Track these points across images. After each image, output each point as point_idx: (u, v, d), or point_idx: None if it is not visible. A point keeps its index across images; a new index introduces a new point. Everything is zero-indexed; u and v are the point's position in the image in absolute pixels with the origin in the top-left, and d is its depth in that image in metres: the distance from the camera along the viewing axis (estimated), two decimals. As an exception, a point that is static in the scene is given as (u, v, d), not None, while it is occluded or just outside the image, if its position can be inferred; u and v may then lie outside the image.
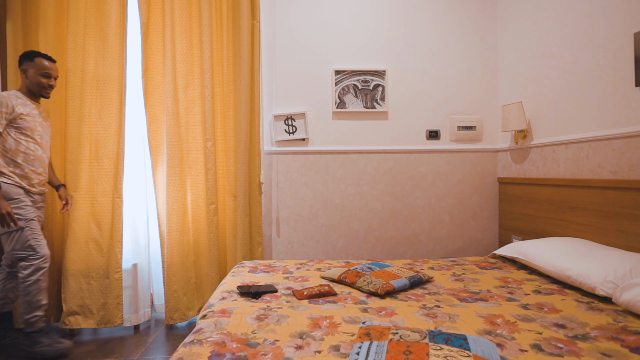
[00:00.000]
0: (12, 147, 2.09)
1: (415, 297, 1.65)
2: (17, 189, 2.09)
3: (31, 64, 2.17)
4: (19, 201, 2.09)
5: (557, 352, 1.14)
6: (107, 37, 2.47)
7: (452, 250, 3.04)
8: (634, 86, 1.87)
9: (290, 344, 1.21)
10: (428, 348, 1.06)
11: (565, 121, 2.34)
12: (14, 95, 2.12)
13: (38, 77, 2.17)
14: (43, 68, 2.18)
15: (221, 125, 2.75)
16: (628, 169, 1.92)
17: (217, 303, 1.59)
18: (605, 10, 2.05)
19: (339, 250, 2.98)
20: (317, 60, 2.95)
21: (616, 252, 1.74)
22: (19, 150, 2.10)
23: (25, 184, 2.14)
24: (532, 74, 2.63)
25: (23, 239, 2.07)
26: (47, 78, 2.20)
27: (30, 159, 2.14)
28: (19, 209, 2.07)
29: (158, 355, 2.18)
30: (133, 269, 2.59)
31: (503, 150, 3.00)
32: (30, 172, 2.15)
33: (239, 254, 2.68)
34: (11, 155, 2.09)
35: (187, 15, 2.62)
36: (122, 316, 2.47)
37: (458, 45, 3.01)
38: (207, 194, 2.63)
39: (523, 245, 2.14)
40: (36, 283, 2.09)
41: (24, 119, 2.10)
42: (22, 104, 2.13)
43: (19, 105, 2.10)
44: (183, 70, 2.61)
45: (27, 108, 2.14)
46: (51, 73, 2.21)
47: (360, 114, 2.97)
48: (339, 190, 2.97)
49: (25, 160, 2.13)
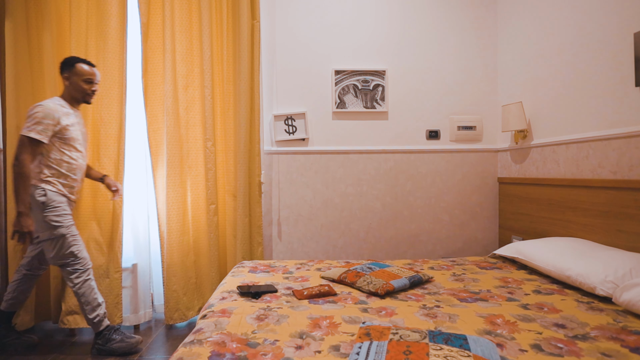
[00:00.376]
0: (56, 157, 2.10)
1: (415, 297, 1.65)
2: (61, 197, 2.12)
3: (73, 70, 2.16)
4: (62, 209, 2.11)
5: (557, 352, 1.14)
6: (107, 38, 2.47)
7: (452, 250, 3.04)
8: (634, 86, 1.87)
9: (290, 344, 1.21)
10: (428, 348, 1.06)
11: (565, 121, 2.34)
12: (59, 105, 2.11)
13: (81, 84, 2.17)
14: (85, 74, 2.17)
15: (221, 125, 2.75)
16: (628, 169, 1.92)
17: (217, 303, 1.59)
18: (605, 10, 2.05)
19: (339, 250, 2.98)
20: (317, 60, 2.95)
21: (616, 252, 1.74)
22: (63, 160, 2.12)
23: (67, 192, 2.16)
24: (532, 74, 2.63)
25: (65, 247, 2.09)
26: (89, 84, 2.19)
27: (73, 168, 2.17)
28: (59, 217, 2.09)
29: (158, 355, 2.18)
30: (133, 269, 2.59)
31: (503, 150, 3.00)
32: (72, 181, 2.18)
33: (239, 254, 2.68)
34: (56, 165, 2.10)
35: (187, 15, 2.62)
36: (121, 315, 2.47)
37: (458, 45, 3.01)
38: (207, 194, 2.63)
39: (523, 245, 2.14)
40: (85, 284, 2.12)
41: (68, 129, 2.11)
42: (66, 114, 2.12)
43: (64, 116, 2.10)
44: (183, 70, 2.61)
45: (71, 118, 2.15)
46: (93, 78, 2.20)
47: (360, 114, 2.98)
48: (339, 190, 2.97)
49: (69, 170, 2.15)
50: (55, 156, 2.10)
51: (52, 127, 2.04)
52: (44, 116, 2.02)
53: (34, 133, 1.99)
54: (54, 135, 2.07)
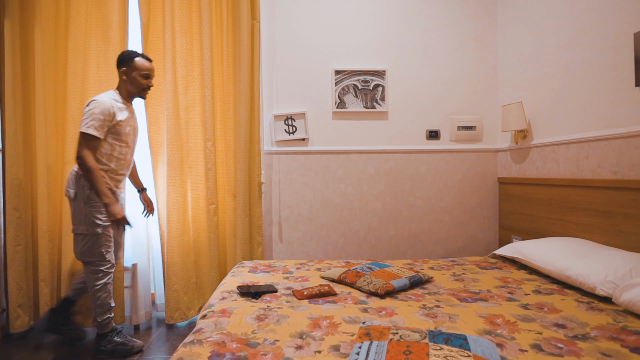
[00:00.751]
0: (107, 153, 2.11)
1: (415, 297, 1.65)
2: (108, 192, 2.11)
3: (131, 64, 2.14)
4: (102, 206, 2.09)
5: (557, 352, 1.14)
6: (108, 39, 2.47)
7: (452, 250, 3.04)
8: (634, 86, 1.87)
9: (290, 344, 1.22)
10: (428, 348, 1.06)
11: (565, 121, 2.34)
12: (114, 100, 2.11)
13: (139, 79, 2.16)
14: (144, 69, 2.16)
15: (221, 125, 2.75)
16: (628, 169, 1.92)
17: (217, 303, 1.59)
18: (605, 10, 2.05)
19: (339, 250, 2.98)
20: (317, 60, 2.95)
21: (616, 252, 1.74)
22: (113, 155, 2.13)
23: (114, 186, 2.17)
24: (532, 74, 2.63)
25: (97, 246, 2.09)
26: (147, 79, 2.19)
27: (121, 163, 2.18)
28: (99, 214, 2.08)
29: (158, 355, 2.18)
30: (133, 269, 2.59)
31: (503, 150, 3.00)
32: (120, 176, 2.20)
33: (239, 254, 2.69)
34: (106, 160, 2.11)
35: (187, 16, 2.62)
36: (123, 315, 2.48)
37: (458, 45, 3.01)
38: (207, 194, 2.63)
39: (523, 245, 2.14)
40: (105, 287, 2.12)
41: (121, 125, 2.12)
42: (120, 109, 2.12)
43: (118, 112, 2.10)
44: (183, 71, 2.61)
45: (125, 113, 2.15)
46: (150, 73, 2.20)
47: (360, 114, 2.98)
48: (339, 190, 2.97)
49: (117, 165, 2.16)
50: (107, 151, 2.10)
51: (107, 123, 2.05)
52: (100, 112, 2.02)
53: (91, 129, 2.00)
54: (108, 130, 2.08)
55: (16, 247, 2.36)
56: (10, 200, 2.35)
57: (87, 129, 2.00)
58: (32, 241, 2.48)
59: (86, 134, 2.01)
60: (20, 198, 2.38)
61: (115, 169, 2.15)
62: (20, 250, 2.37)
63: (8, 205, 2.36)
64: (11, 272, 2.35)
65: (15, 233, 2.35)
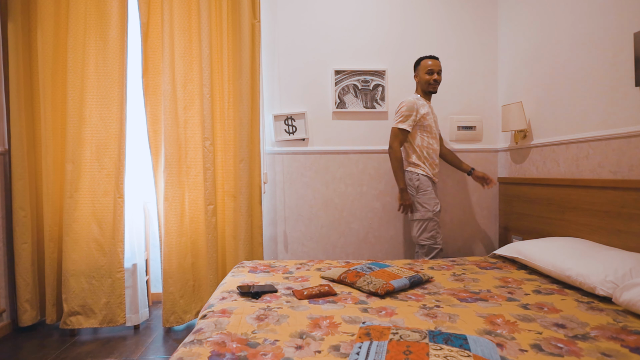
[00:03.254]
0: (419, 144, 2.52)
1: (415, 297, 1.65)
2: (428, 181, 2.52)
3: (418, 67, 2.59)
4: (430, 193, 2.50)
5: (557, 352, 1.14)
6: (107, 38, 2.47)
7: (452, 250, 3.04)
8: (634, 86, 1.87)
9: (290, 344, 1.22)
10: (428, 348, 1.06)
11: (565, 121, 2.34)
12: (416, 99, 2.54)
13: (424, 76, 2.56)
14: (426, 67, 2.55)
15: (220, 125, 2.73)
16: (628, 169, 1.92)
17: (217, 303, 1.59)
18: (605, 10, 2.05)
19: (339, 250, 2.98)
20: (317, 60, 2.95)
21: (616, 252, 1.74)
22: (423, 145, 2.53)
23: (432, 174, 2.54)
24: (532, 74, 2.63)
25: (429, 229, 2.49)
26: (430, 74, 2.54)
27: (430, 153, 2.56)
28: (428, 201, 2.48)
29: (158, 355, 2.18)
30: (133, 269, 2.58)
31: (503, 150, 3.00)
32: (433, 162, 2.57)
33: (240, 254, 2.66)
34: (419, 150, 2.52)
35: (187, 15, 2.61)
36: (124, 315, 2.47)
37: (458, 45, 3.01)
38: (205, 194, 2.60)
39: (523, 245, 2.14)
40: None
41: (425, 118, 2.51)
42: (422, 105, 2.52)
43: (421, 107, 2.50)
44: (181, 69, 2.59)
45: (425, 108, 2.53)
46: (433, 69, 2.54)
47: (360, 114, 2.98)
48: (339, 190, 2.97)
49: (428, 154, 2.54)
50: (418, 142, 2.53)
51: (413, 117, 2.48)
52: (407, 109, 2.48)
53: (401, 124, 2.49)
54: (415, 124, 2.50)
55: (23, 245, 2.42)
56: (17, 199, 2.41)
57: (398, 124, 2.49)
58: (37, 239, 2.54)
59: (398, 129, 2.49)
60: (25, 197, 2.43)
61: (427, 157, 2.53)
62: (27, 248, 2.43)
63: (15, 204, 2.41)
64: (18, 269, 2.42)
65: (21, 231, 2.41)
